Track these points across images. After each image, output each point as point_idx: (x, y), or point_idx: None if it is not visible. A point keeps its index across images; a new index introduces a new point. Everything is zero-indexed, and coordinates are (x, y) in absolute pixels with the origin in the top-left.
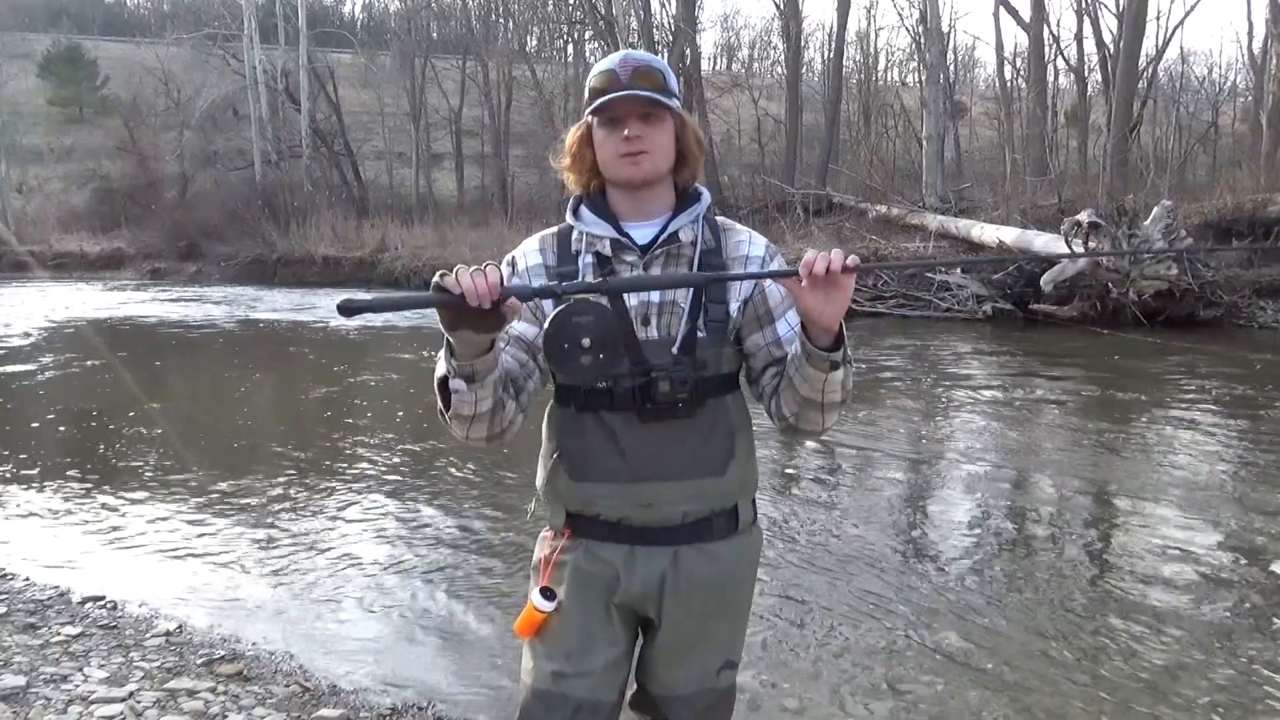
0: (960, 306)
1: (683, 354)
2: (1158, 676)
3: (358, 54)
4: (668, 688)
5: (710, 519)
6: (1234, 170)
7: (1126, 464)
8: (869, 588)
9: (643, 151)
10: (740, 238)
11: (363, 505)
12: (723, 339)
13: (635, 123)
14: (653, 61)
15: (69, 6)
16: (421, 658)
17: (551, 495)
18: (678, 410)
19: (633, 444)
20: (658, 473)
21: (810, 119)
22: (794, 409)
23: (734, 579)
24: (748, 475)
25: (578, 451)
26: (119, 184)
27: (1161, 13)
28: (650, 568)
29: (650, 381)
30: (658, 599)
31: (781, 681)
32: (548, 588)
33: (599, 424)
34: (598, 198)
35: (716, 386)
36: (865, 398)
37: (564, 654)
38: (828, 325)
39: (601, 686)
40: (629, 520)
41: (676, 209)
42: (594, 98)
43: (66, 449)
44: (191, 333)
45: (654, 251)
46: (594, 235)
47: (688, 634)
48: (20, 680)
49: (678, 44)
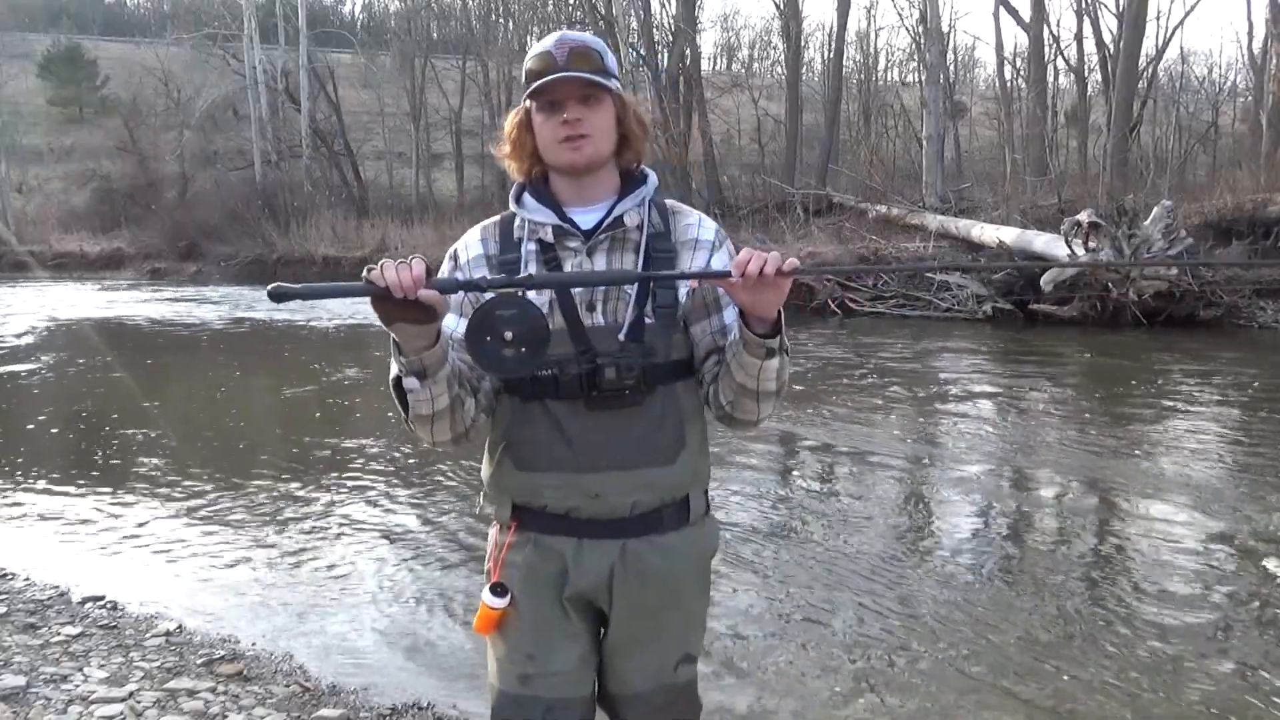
0: (960, 306)
1: (630, 340)
2: (1158, 676)
3: (358, 54)
4: (625, 685)
5: (660, 510)
6: (1234, 170)
7: (1126, 464)
8: (868, 587)
9: (583, 135)
10: (689, 220)
11: (362, 504)
12: (672, 325)
13: (575, 105)
14: (589, 41)
15: (69, 6)
16: (421, 658)
17: (497, 487)
18: (625, 398)
19: (579, 433)
20: (605, 462)
21: (810, 119)
22: (730, 397)
23: (686, 571)
24: (700, 466)
25: (524, 441)
26: (119, 184)
27: (1161, 13)
28: (599, 561)
29: (596, 368)
30: (608, 592)
31: (779, 682)
32: (499, 584)
33: (545, 413)
34: (540, 184)
35: (666, 374)
36: (866, 398)
37: (526, 655)
38: (763, 316)
39: (569, 684)
40: (577, 512)
41: (622, 192)
42: (530, 80)
43: (66, 449)
44: (191, 333)
45: (598, 237)
46: (536, 222)
47: (640, 628)
48: (20, 680)
49: (678, 44)
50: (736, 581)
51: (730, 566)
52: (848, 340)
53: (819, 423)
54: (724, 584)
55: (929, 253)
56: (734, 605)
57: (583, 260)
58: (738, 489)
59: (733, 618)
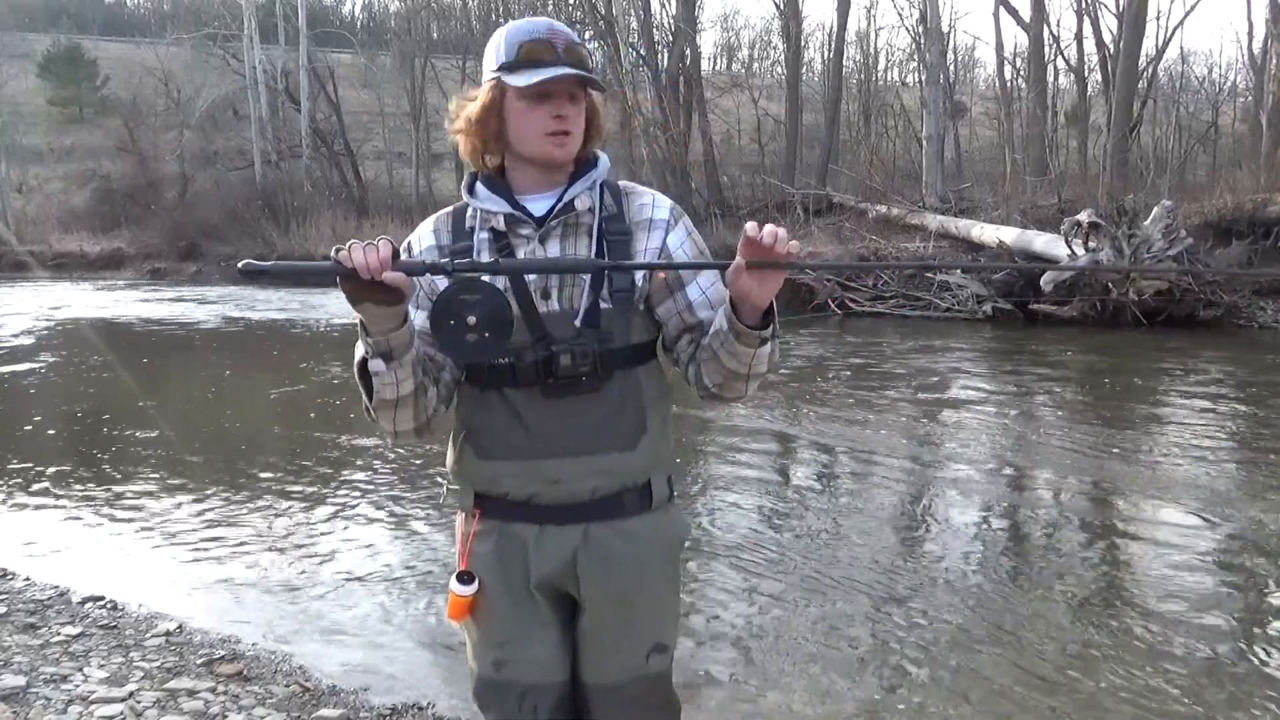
0: (960, 307)
1: (586, 326)
2: (1159, 676)
3: (358, 54)
4: (598, 674)
5: (620, 495)
6: (1234, 170)
7: (1127, 464)
8: (868, 588)
9: (568, 132)
10: (643, 200)
11: (363, 504)
12: (630, 308)
13: (567, 103)
14: (574, 35)
15: (69, 6)
16: (421, 658)
17: (460, 476)
18: (582, 384)
19: (537, 420)
20: (563, 449)
21: (810, 119)
22: (718, 380)
23: (650, 556)
24: (661, 450)
25: (483, 429)
26: (119, 184)
27: (1161, 13)
28: (561, 546)
29: (552, 355)
30: (574, 577)
31: (778, 682)
32: (465, 572)
33: (503, 401)
34: (495, 174)
35: (626, 358)
36: (866, 398)
37: (498, 642)
38: (760, 304)
39: (543, 669)
40: (537, 498)
41: (573, 177)
42: (520, 64)
43: (66, 449)
44: (191, 333)
45: (550, 223)
46: (488, 211)
47: (609, 615)
48: (20, 680)
49: (678, 44)
50: (736, 582)
51: (730, 567)
52: (848, 340)
53: (818, 423)
54: (724, 585)
55: (929, 253)
56: (733, 606)
57: (535, 248)
58: (737, 490)
59: (731, 618)
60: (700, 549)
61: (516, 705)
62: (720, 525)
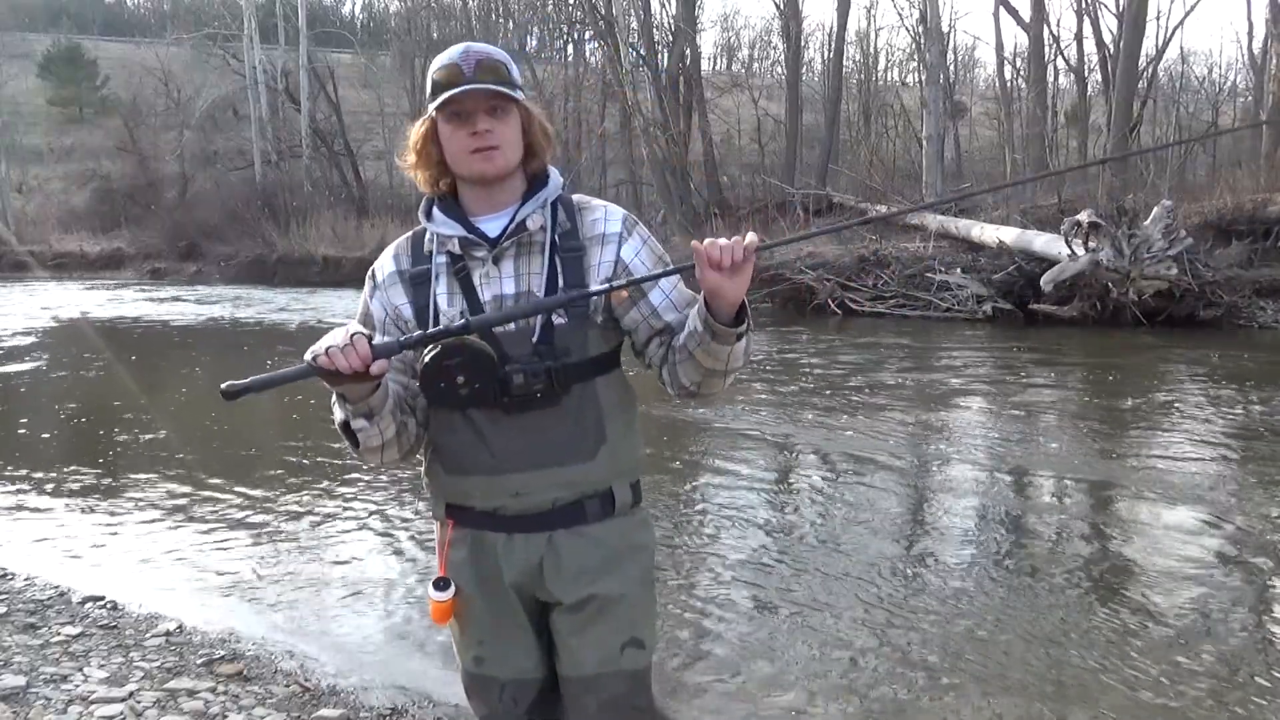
0: (960, 306)
1: (541, 344)
2: (1159, 676)
3: (358, 54)
4: (574, 666)
5: (581, 503)
6: (1234, 170)
7: (1127, 464)
8: (868, 588)
9: (493, 146)
10: (595, 215)
11: (363, 504)
12: (585, 323)
13: (484, 117)
14: (494, 53)
15: (69, 6)
16: (422, 658)
17: (432, 488)
18: (538, 400)
19: (498, 438)
20: (525, 463)
21: (810, 119)
22: (696, 378)
23: (617, 559)
24: (623, 457)
25: (449, 447)
26: (119, 184)
27: (1161, 13)
28: (527, 553)
29: (506, 376)
30: (541, 582)
31: (776, 682)
32: (442, 578)
33: (466, 421)
34: (449, 197)
35: (583, 371)
36: (865, 398)
37: (478, 639)
38: (733, 300)
39: (521, 666)
40: (502, 509)
41: (525, 196)
42: (437, 91)
43: (66, 449)
44: (191, 333)
45: (503, 244)
46: (444, 235)
47: (579, 610)
48: (20, 680)
49: (678, 44)
50: (733, 583)
51: (729, 568)
52: (848, 340)
53: (818, 423)
54: (723, 586)
55: (928, 252)
56: (730, 606)
57: (490, 269)
58: (736, 491)
59: (730, 619)
60: (698, 550)
61: (498, 697)
62: (717, 527)
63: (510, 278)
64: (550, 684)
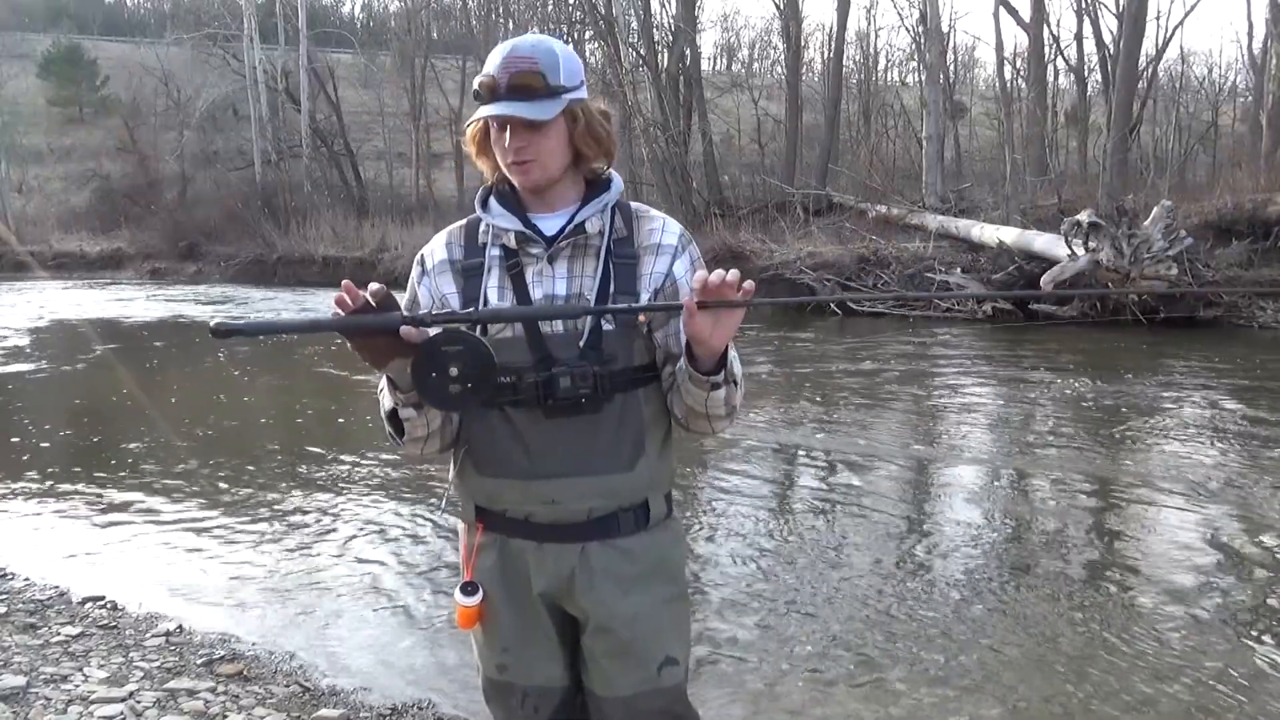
0: (960, 306)
1: (589, 348)
2: (1160, 677)
3: (358, 54)
4: (609, 687)
5: (616, 515)
6: (1234, 170)
7: (1127, 464)
8: (868, 588)
9: (528, 160)
10: (653, 225)
11: (362, 504)
12: (633, 332)
13: (520, 132)
14: (538, 57)
15: (69, 6)
16: (421, 658)
17: (461, 488)
18: (582, 406)
19: (537, 440)
20: (561, 470)
21: (810, 119)
22: (682, 413)
23: (650, 573)
24: (659, 472)
25: (484, 446)
26: (119, 184)
27: (1161, 13)
28: (559, 563)
29: (552, 377)
30: (572, 594)
31: (780, 684)
32: (469, 583)
33: (504, 420)
34: (506, 189)
35: (627, 381)
36: (865, 398)
37: (502, 647)
38: (714, 349)
39: (545, 675)
40: (535, 516)
41: (585, 199)
42: (478, 98)
43: (66, 449)
44: (190, 333)
45: (559, 244)
46: (500, 228)
47: (613, 630)
48: (20, 680)
49: (678, 44)
50: (738, 584)
51: (729, 568)
52: (848, 340)
53: (818, 423)
54: (723, 587)
55: (929, 252)
56: (732, 608)
57: (544, 267)
58: (738, 492)
59: (730, 620)
60: (698, 551)
61: (519, 705)
62: (721, 529)
63: (563, 278)
64: (573, 692)
